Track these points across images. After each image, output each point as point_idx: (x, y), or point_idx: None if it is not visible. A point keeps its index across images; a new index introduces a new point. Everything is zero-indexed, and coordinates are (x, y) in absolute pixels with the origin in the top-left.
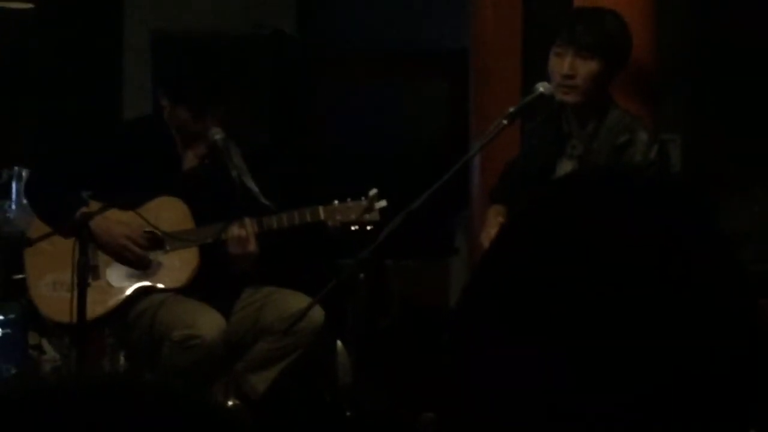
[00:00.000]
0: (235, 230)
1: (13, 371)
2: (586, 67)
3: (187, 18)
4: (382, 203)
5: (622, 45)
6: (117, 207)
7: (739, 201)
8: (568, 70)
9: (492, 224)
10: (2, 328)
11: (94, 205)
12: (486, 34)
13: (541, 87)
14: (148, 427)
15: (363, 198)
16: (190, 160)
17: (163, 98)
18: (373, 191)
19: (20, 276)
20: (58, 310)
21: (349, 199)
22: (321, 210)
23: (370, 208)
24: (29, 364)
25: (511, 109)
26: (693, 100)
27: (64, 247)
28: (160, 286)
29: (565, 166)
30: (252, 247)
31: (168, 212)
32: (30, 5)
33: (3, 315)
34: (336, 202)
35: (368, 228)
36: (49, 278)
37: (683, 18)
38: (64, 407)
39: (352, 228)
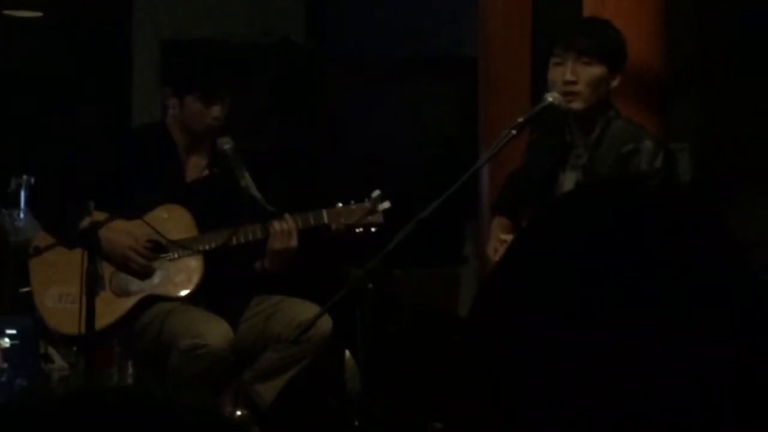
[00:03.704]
0: (277, 225)
1: (24, 384)
2: (588, 73)
3: (196, 26)
4: (386, 204)
5: (620, 49)
6: (122, 216)
7: (749, 209)
8: (570, 76)
9: (497, 237)
10: (12, 341)
11: (98, 215)
12: (495, 42)
13: (551, 97)
14: None
15: (366, 200)
16: (193, 167)
17: (171, 97)
18: (376, 192)
19: (27, 289)
20: (64, 322)
21: (352, 202)
22: (325, 213)
23: (373, 210)
24: (40, 376)
25: (521, 119)
26: (703, 109)
27: (68, 259)
28: (166, 294)
29: (568, 177)
30: (294, 241)
31: (172, 220)
32: (38, 13)
33: (14, 328)
34: (339, 204)
35: (372, 230)
36: (54, 290)
37: (692, 26)
38: (72, 420)
39: (357, 231)
